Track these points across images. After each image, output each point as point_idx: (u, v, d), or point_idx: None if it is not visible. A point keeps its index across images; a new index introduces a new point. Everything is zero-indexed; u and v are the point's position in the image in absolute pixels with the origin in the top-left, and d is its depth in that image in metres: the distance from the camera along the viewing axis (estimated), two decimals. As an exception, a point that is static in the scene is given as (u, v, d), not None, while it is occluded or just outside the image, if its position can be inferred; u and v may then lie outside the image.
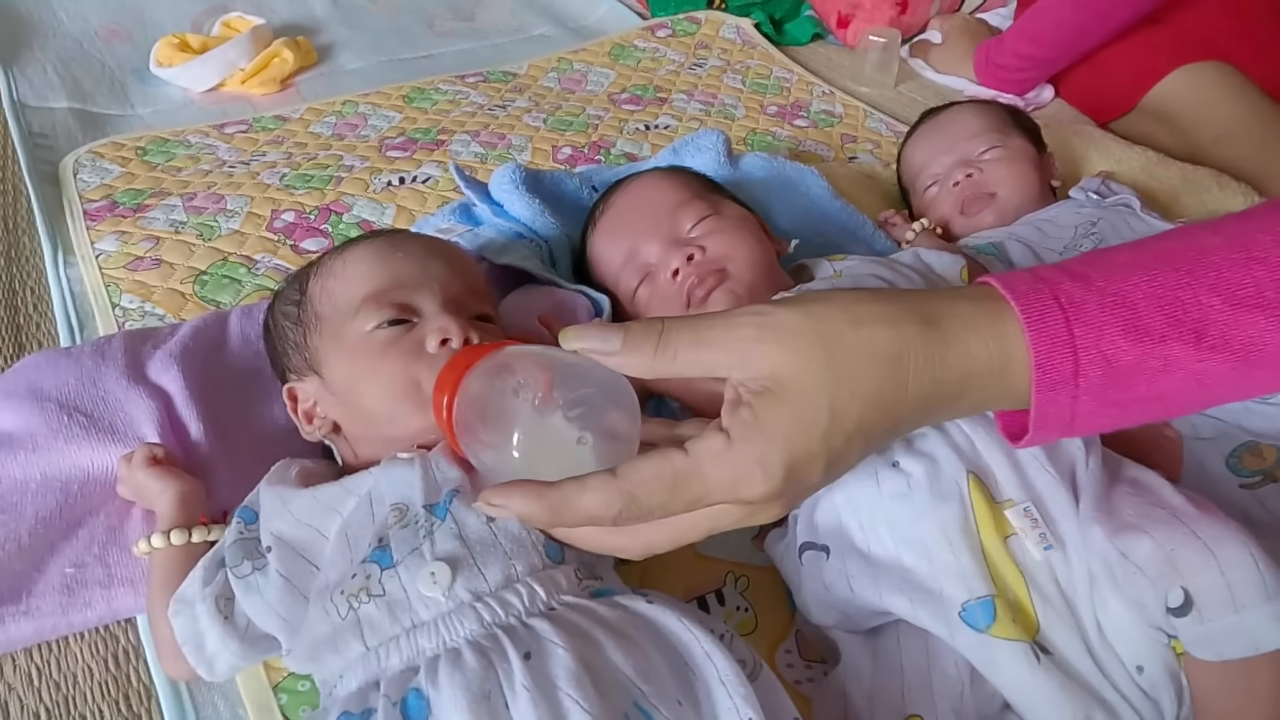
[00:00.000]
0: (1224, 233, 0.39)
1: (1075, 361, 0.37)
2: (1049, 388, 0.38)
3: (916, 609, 0.52)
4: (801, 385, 0.37)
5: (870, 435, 0.39)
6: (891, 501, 0.54)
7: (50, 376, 0.66)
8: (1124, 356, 0.37)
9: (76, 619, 0.58)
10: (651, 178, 0.77)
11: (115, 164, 1.05)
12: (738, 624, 0.61)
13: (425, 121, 1.18)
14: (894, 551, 0.54)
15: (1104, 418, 0.39)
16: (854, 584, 0.54)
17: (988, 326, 0.38)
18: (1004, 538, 0.52)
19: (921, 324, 0.38)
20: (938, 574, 0.52)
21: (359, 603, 0.47)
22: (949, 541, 0.52)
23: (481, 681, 0.42)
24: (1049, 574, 0.51)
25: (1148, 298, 0.38)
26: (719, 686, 0.45)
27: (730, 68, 1.41)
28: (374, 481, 0.53)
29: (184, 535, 0.56)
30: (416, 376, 0.55)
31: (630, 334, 0.40)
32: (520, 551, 0.49)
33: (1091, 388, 0.38)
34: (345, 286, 0.59)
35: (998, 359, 0.38)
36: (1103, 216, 0.86)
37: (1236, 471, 0.68)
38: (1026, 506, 0.52)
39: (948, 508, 0.52)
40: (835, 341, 0.38)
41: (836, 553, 0.56)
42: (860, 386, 0.37)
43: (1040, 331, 0.37)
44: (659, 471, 0.38)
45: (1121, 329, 0.37)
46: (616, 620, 0.47)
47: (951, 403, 0.39)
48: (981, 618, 0.50)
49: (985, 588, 0.50)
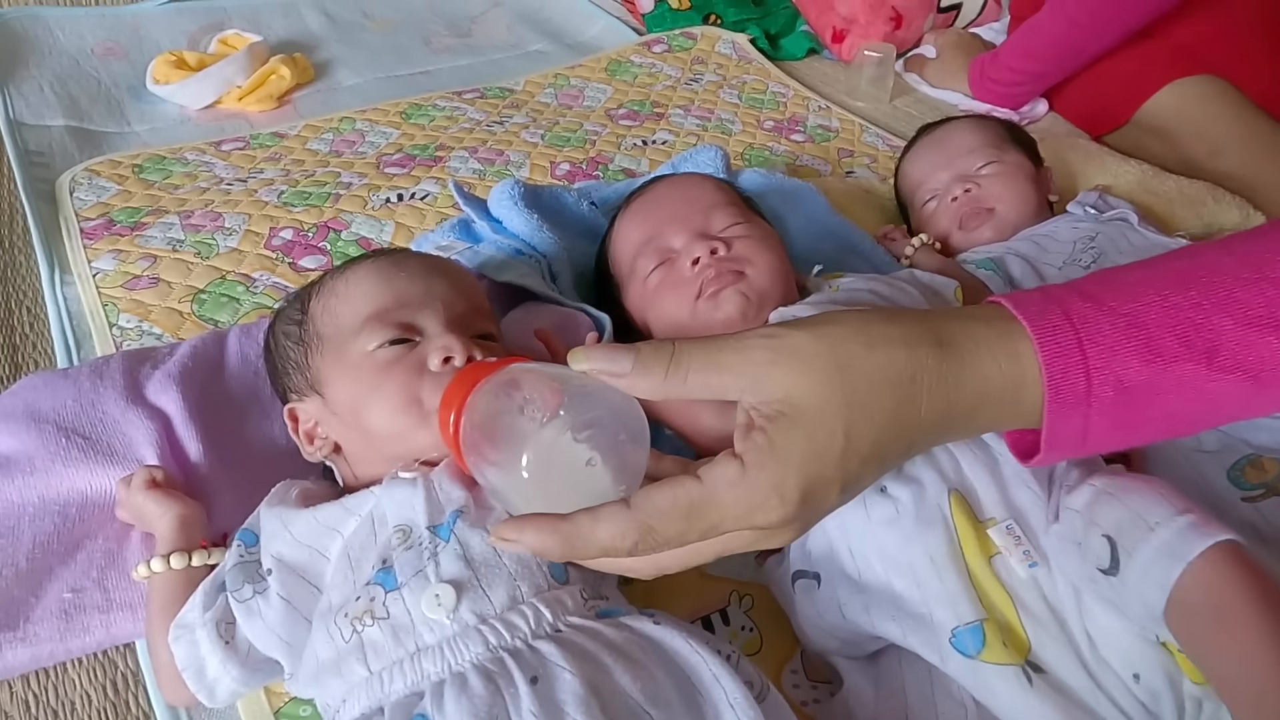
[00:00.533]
0: (1235, 253, 0.39)
1: (1088, 381, 0.37)
2: (1062, 407, 0.38)
3: (908, 635, 0.52)
4: (816, 409, 0.37)
5: (885, 457, 0.39)
6: (880, 527, 0.54)
7: (48, 398, 0.66)
8: (1136, 377, 0.37)
9: (75, 645, 0.57)
10: (696, 177, 0.78)
11: (112, 182, 1.05)
12: (743, 644, 0.60)
13: (423, 138, 1.18)
14: (884, 578, 0.54)
15: (1115, 437, 0.39)
16: (846, 611, 0.54)
17: (1000, 346, 0.38)
18: (988, 558, 0.52)
19: (934, 345, 0.38)
20: (927, 600, 0.52)
21: (363, 625, 0.47)
22: (936, 567, 0.52)
23: (489, 707, 0.42)
24: (1035, 591, 0.51)
25: (1160, 318, 0.38)
26: (728, 710, 0.44)
27: (726, 83, 1.42)
28: (376, 501, 0.53)
29: (184, 559, 0.55)
30: (419, 394, 0.55)
31: (641, 355, 0.40)
32: (525, 572, 0.48)
33: (1104, 408, 0.38)
34: (348, 306, 0.58)
35: (1010, 379, 0.38)
36: (1101, 231, 0.86)
37: (1239, 484, 0.68)
38: (1009, 524, 0.52)
39: (933, 532, 0.52)
40: (849, 364, 0.38)
41: (828, 580, 0.56)
42: (874, 409, 0.37)
43: (1053, 352, 0.37)
44: (674, 501, 0.38)
45: (1134, 350, 0.37)
46: (623, 643, 0.46)
47: (965, 423, 0.39)
48: (971, 644, 0.50)
49: (974, 612, 0.50)
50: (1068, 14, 1.21)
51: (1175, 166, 1.14)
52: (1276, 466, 0.67)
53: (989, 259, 0.86)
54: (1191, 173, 1.12)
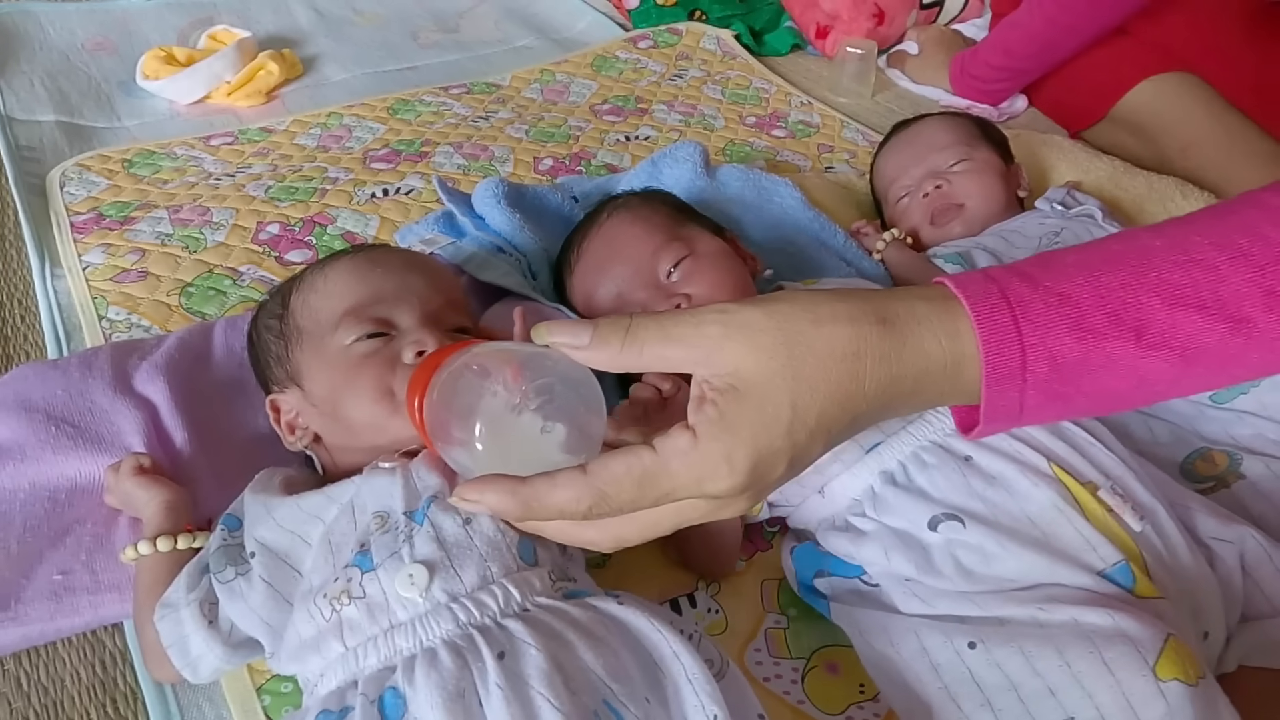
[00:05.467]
0: (1165, 235, 0.41)
1: (1023, 357, 0.39)
2: (998, 381, 0.39)
3: (1055, 567, 0.53)
4: (764, 382, 0.39)
5: (831, 430, 0.40)
6: (987, 486, 0.57)
7: (38, 388, 0.68)
8: (1069, 353, 0.39)
9: (64, 624, 0.59)
10: (622, 221, 0.76)
11: (102, 176, 1.06)
12: (708, 625, 0.63)
13: (409, 133, 1.20)
14: (1016, 525, 0.56)
15: (1050, 410, 0.41)
16: (1005, 547, 0.55)
17: (940, 324, 0.40)
18: (1106, 511, 0.56)
19: (878, 322, 0.40)
20: (1065, 549, 0.54)
21: (341, 605, 0.49)
22: (1065, 516, 0.55)
23: (456, 680, 0.44)
24: (1149, 545, 0.55)
25: (1091, 297, 0.39)
26: (686, 684, 0.47)
27: (710, 79, 1.43)
28: (356, 490, 0.55)
29: (170, 542, 0.57)
30: (392, 387, 0.57)
31: (599, 329, 0.41)
32: (495, 554, 0.50)
33: (1038, 382, 0.39)
34: (326, 301, 0.60)
35: (950, 355, 0.40)
36: (1066, 226, 0.88)
37: (1191, 478, 0.70)
38: (1112, 485, 0.56)
39: (1050, 487, 0.56)
40: (796, 339, 0.39)
41: (972, 525, 0.56)
42: (819, 383, 0.39)
43: (989, 328, 0.39)
44: (629, 469, 0.39)
45: (1066, 327, 0.39)
46: (588, 621, 0.49)
47: (908, 398, 0.41)
48: (1124, 580, 0.53)
49: (1115, 554, 0.54)
50: (1045, 11, 1.23)
51: (1149, 163, 1.16)
52: (1226, 459, 0.70)
53: (957, 253, 0.88)
54: (1165, 169, 1.15)
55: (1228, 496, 0.69)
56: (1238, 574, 0.58)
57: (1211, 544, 0.59)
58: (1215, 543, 0.58)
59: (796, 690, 0.60)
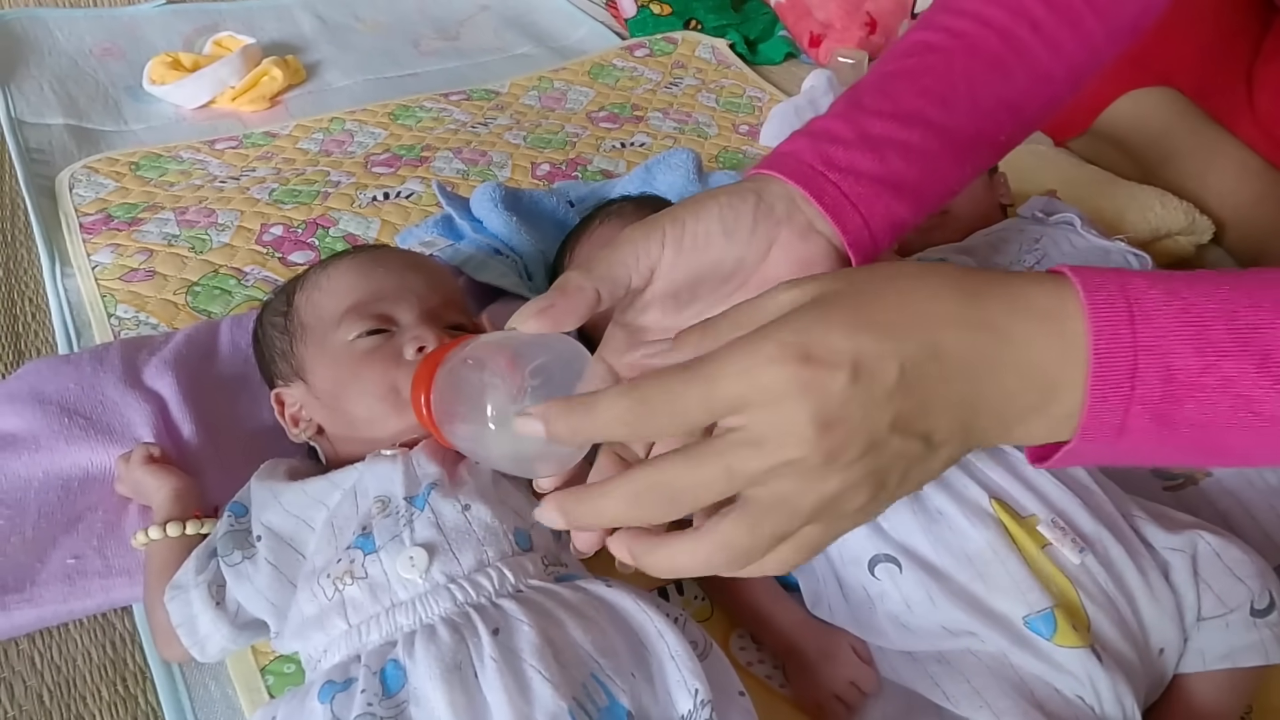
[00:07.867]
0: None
1: (1134, 359, 0.34)
2: (1104, 367, 0.34)
3: (977, 625, 0.54)
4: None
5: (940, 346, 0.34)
6: (931, 523, 0.57)
7: (52, 381, 0.70)
8: (1186, 364, 0.34)
9: (76, 606, 0.62)
10: (616, 226, 0.78)
11: (110, 179, 1.09)
12: (694, 611, 0.65)
13: (410, 138, 1.23)
14: (954, 566, 0.56)
15: (1150, 435, 0.36)
16: (934, 599, 0.55)
17: (1048, 305, 0.36)
18: (1041, 548, 0.56)
19: (963, 288, 0.36)
20: (992, 591, 0.55)
21: (344, 585, 0.51)
22: (999, 558, 0.55)
23: (454, 654, 0.47)
24: (1089, 575, 0.55)
25: (1217, 308, 0.35)
26: (670, 661, 0.49)
27: (705, 87, 1.46)
28: (359, 476, 0.57)
29: (179, 528, 0.60)
30: (394, 382, 0.59)
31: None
32: (492, 539, 0.53)
33: (1147, 391, 0.35)
34: (329, 299, 0.63)
35: (1056, 323, 0.35)
36: (1045, 233, 0.91)
37: (1161, 475, 0.73)
38: (1052, 518, 0.56)
39: (987, 527, 0.56)
40: (859, 271, 0.38)
41: (909, 568, 0.57)
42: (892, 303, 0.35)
43: (1102, 316, 0.34)
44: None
45: (1188, 335, 0.34)
46: (578, 602, 0.51)
47: (994, 368, 0.35)
48: (1044, 629, 0.53)
49: (1043, 600, 0.53)
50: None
51: (1132, 173, 1.19)
52: (1195, 457, 0.72)
53: (940, 259, 0.91)
54: (1148, 179, 1.17)
55: (1196, 493, 0.71)
56: (1191, 580, 0.58)
57: (1165, 554, 0.59)
58: (1168, 552, 0.59)
59: (779, 675, 0.62)
